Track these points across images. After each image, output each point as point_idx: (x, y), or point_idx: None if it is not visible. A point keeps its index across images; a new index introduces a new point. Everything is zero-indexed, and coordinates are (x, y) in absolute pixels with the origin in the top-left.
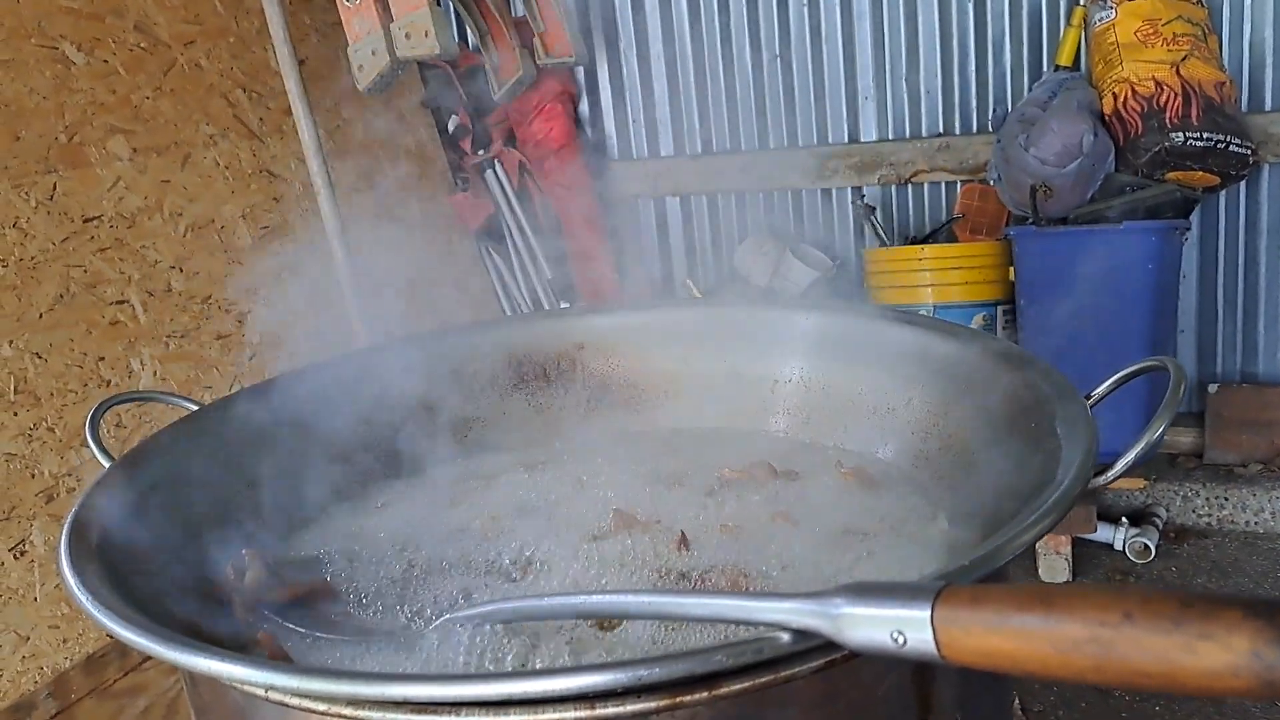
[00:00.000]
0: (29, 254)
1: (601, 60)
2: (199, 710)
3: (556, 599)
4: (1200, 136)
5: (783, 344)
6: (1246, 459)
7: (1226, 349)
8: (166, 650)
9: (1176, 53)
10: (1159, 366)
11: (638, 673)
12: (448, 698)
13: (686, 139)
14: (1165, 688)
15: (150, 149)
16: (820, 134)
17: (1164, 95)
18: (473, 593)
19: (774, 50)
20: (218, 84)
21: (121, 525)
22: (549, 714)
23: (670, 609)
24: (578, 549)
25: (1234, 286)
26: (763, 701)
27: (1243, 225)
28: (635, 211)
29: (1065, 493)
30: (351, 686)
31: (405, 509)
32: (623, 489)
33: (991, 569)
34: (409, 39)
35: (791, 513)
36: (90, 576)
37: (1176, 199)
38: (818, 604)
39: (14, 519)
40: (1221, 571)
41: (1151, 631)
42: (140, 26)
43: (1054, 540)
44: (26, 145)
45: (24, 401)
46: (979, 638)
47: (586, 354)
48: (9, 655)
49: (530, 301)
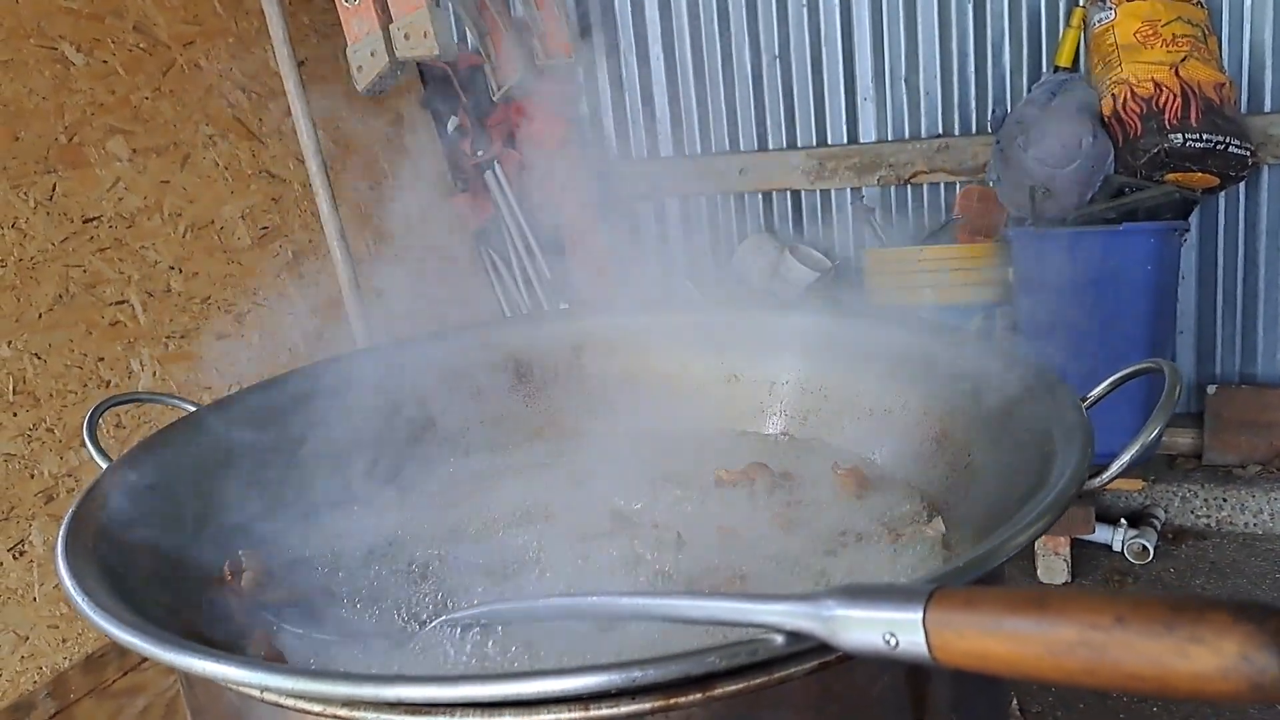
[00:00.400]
0: (28, 254)
1: (601, 61)
2: (195, 711)
3: (552, 600)
4: (1199, 138)
5: (780, 346)
6: (1245, 460)
7: (1225, 350)
8: (161, 651)
9: (1176, 54)
10: (1155, 369)
11: (632, 674)
12: (443, 699)
13: (686, 140)
14: (1156, 691)
15: (150, 149)
16: (819, 135)
17: (1163, 96)
18: (469, 594)
19: (773, 51)
20: (217, 84)
21: (119, 525)
22: (544, 715)
23: (664, 611)
24: (574, 550)
25: (1233, 288)
26: (757, 703)
27: (1242, 227)
28: (634, 212)
29: (1060, 495)
30: (346, 688)
31: (403, 510)
32: (620, 490)
33: (985, 571)
34: (408, 40)
35: (788, 514)
36: (86, 577)
37: (1176, 200)
38: (811, 606)
39: (13, 519)
40: (1220, 573)
41: (1143, 635)
42: (140, 27)
43: (1052, 541)
44: (26, 145)
45: (23, 402)
46: (971, 640)
47: (585, 355)
48: (8, 655)
49: (529, 303)
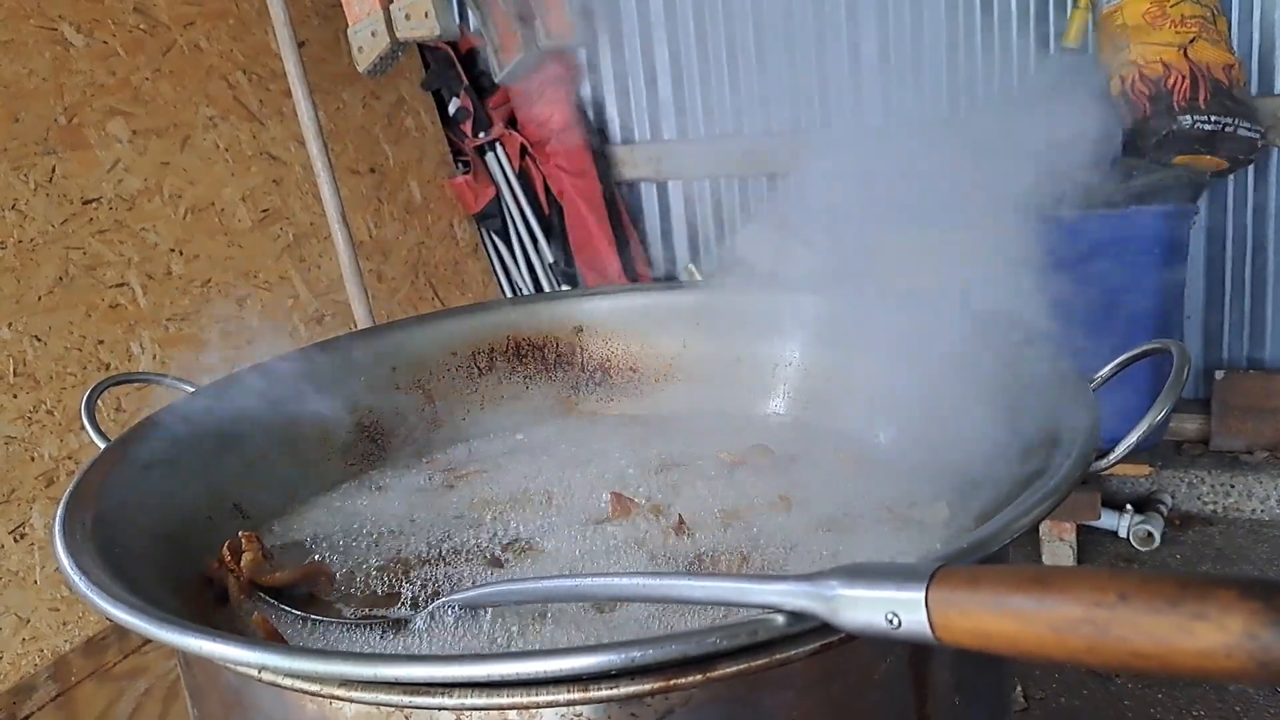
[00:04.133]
0: (28, 236)
1: (604, 42)
2: (193, 692)
3: (552, 581)
4: (1208, 120)
5: (783, 327)
6: (1252, 446)
7: (1233, 335)
8: (159, 631)
9: (1185, 35)
10: (1162, 349)
11: (631, 654)
12: (441, 678)
13: (689, 122)
14: (1160, 669)
15: (150, 131)
16: (824, 117)
17: (1171, 78)
18: (468, 575)
19: (778, 32)
20: (217, 66)
21: (116, 505)
22: (542, 695)
23: (665, 591)
24: (575, 533)
25: (1241, 272)
26: (758, 684)
27: (1251, 210)
28: (637, 195)
29: (1065, 477)
30: (344, 667)
31: (402, 492)
32: (621, 472)
33: (989, 553)
34: (409, 20)
35: (790, 496)
36: (84, 557)
37: (1184, 183)
38: (812, 586)
39: (13, 501)
40: (1226, 559)
41: (1147, 612)
42: (140, 8)
43: (1058, 527)
44: (25, 127)
45: (23, 384)
46: (974, 619)
47: (586, 337)
48: (9, 637)
49: (531, 285)
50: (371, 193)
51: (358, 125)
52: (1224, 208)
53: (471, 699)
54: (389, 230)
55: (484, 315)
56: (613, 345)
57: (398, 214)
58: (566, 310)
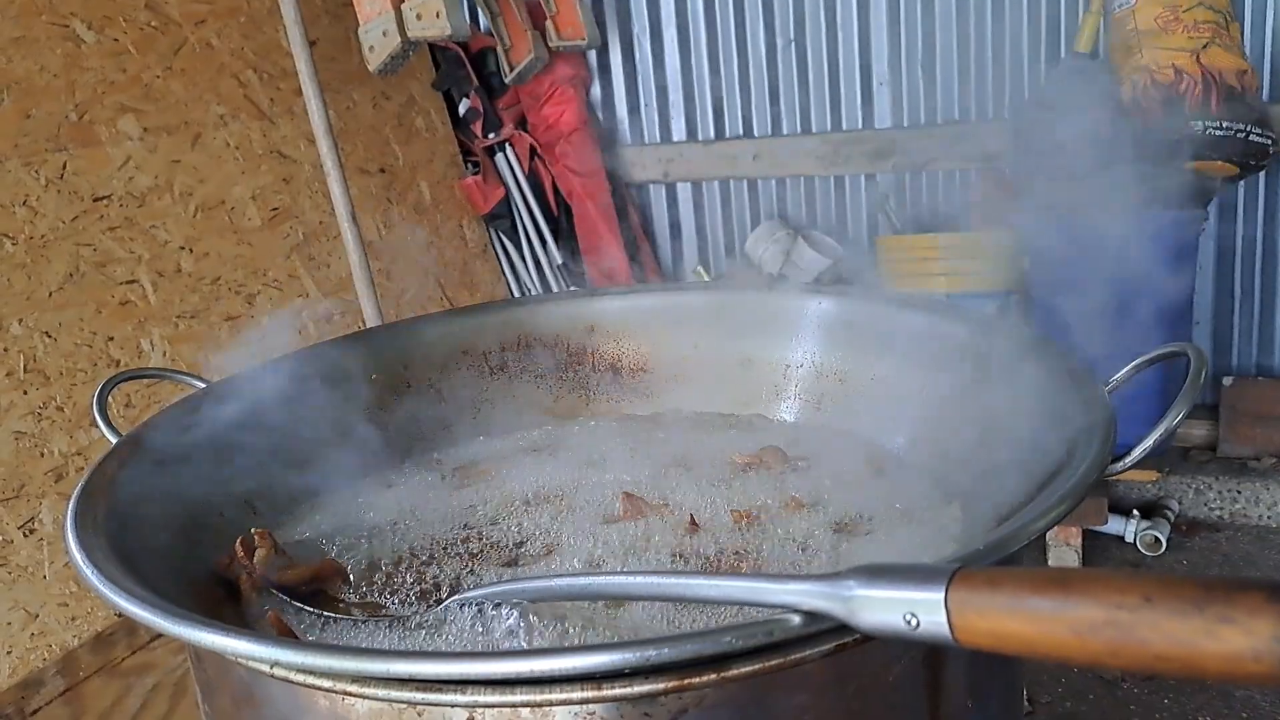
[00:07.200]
0: (39, 232)
1: (614, 43)
2: (204, 687)
3: (566, 579)
4: (1220, 125)
5: (795, 329)
6: (1260, 453)
7: (1242, 342)
8: (171, 625)
9: (1197, 40)
10: (1179, 353)
11: (645, 653)
12: (454, 675)
13: (699, 124)
14: (1184, 672)
15: (160, 128)
16: (834, 120)
17: (1184, 83)
18: (481, 574)
19: (788, 35)
20: (228, 64)
21: (127, 500)
22: (555, 693)
23: (680, 590)
24: (587, 532)
25: (1251, 279)
26: (772, 685)
27: (1261, 216)
28: (646, 196)
29: (1081, 480)
30: (357, 663)
31: (414, 490)
32: (632, 473)
33: (1006, 554)
34: (420, 20)
35: (803, 498)
36: (95, 551)
37: (1194, 189)
38: (830, 586)
39: (23, 497)
40: (1233, 565)
41: (1172, 615)
42: (151, 5)
43: (1064, 532)
44: (37, 123)
45: (33, 380)
46: (993, 620)
47: (596, 337)
48: (18, 632)
49: (539, 286)
50: (381, 192)
51: (368, 125)
52: (1234, 214)
53: (484, 696)
54: (398, 230)
55: (496, 314)
56: (624, 345)
57: (407, 214)
58: (578, 310)
